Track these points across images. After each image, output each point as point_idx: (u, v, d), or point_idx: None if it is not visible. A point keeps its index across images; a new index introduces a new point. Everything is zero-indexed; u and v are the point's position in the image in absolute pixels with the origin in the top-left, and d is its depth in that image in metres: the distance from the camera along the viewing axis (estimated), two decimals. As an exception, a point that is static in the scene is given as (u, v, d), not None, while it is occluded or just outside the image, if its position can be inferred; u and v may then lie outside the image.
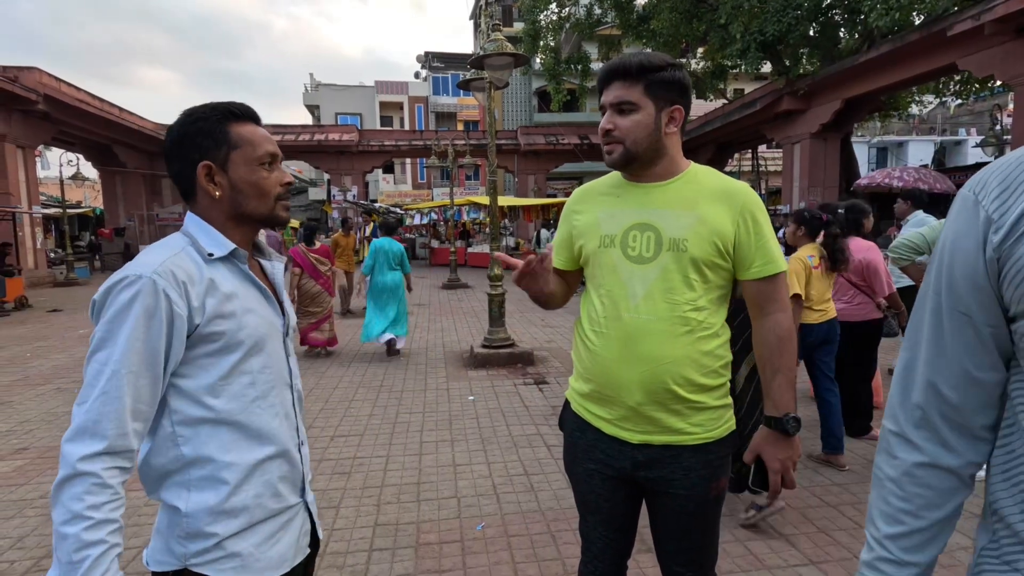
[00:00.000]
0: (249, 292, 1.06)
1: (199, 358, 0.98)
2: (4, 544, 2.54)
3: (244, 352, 1.01)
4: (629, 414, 1.30)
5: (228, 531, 0.98)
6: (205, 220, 1.05)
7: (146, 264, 0.93)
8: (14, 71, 13.47)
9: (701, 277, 1.25)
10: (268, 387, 1.06)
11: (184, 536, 0.96)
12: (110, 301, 0.91)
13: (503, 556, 2.39)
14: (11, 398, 4.85)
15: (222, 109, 1.05)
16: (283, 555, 1.06)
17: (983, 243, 0.57)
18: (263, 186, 1.06)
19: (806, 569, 2.26)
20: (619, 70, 1.26)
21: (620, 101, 1.25)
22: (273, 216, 1.10)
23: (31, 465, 3.42)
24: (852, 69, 11.36)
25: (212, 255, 1.01)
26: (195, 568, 0.96)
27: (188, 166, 1.03)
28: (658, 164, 1.29)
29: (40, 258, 15.02)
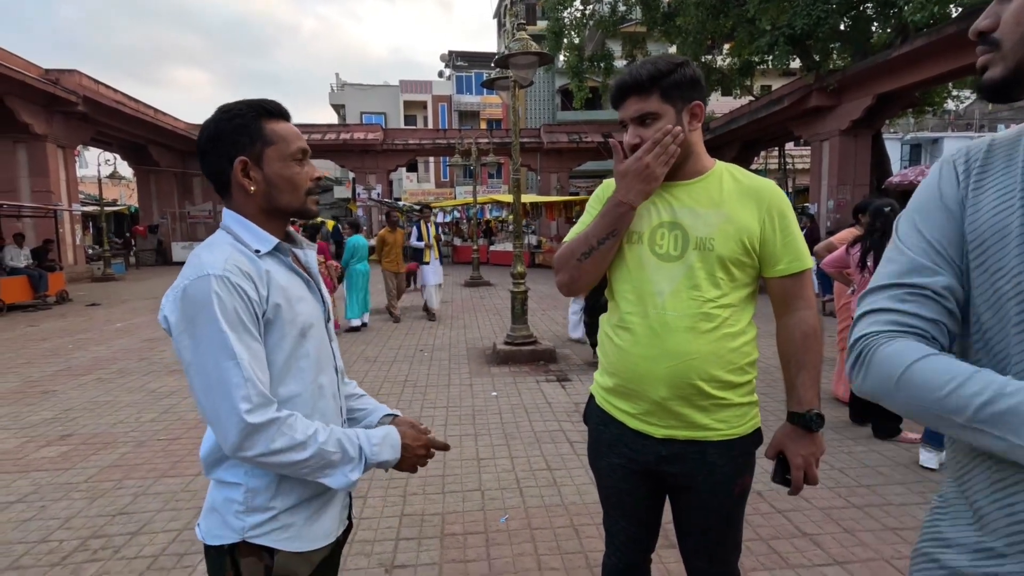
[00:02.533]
0: (295, 281, 1.11)
1: (266, 347, 1.04)
2: (53, 524, 2.68)
3: (298, 338, 1.07)
4: (654, 409, 1.32)
5: (284, 505, 1.05)
6: (241, 215, 1.09)
7: (212, 263, 0.98)
8: (56, 74, 14.01)
9: (727, 275, 1.27)
10: (318, 370, 1.12)
11: (243, 511, 1.03)
12: (186, 305, 0.97)
13: (526, 548, 2.43)
14: (55, 387, 5.07)
15: (256, 106, 1.08)
16: (327, 528, 1.13)
17: (957, 184, 0.72)
18: (296, 180, 1.11)
19: (831, 569, 2.25)
20: (631, 85, 1.26)
21: (641, 114, 1.26)
22: (304, 209, 1.14)
23: (75, 451, 3.58)
24: (884, 64, 11.07)
25: (259, 251, 1.06)
26: (253, 540, 1.03)
27: (224, 162, 1.07)
28: (685, 164, 1.31)
29: (79, 254, 15.60)
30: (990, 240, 0.66)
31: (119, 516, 2.75)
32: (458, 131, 22.71)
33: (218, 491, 1.07)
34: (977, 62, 0.69)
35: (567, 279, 1.41)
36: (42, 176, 14.01)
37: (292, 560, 1.06)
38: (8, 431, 3.96)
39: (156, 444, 3.68)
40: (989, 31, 0.66)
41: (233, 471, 1.05)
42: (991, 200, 0.67)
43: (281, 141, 1.08)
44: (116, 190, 31.08)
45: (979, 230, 0.67)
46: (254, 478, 1.04)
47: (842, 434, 3.73)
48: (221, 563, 1.05)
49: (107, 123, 15.96)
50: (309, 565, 1.10)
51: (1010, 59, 0.64)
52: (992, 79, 0.66)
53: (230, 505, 1.04)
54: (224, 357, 0.95)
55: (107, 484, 3.10)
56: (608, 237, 1.31)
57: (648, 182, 1.26)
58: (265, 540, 1.04)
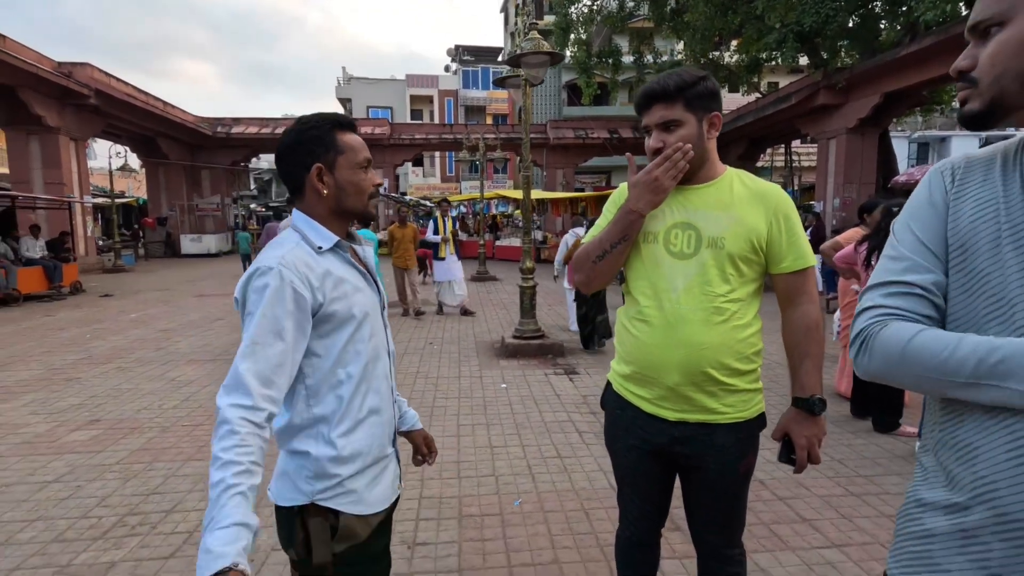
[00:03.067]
0: (353, 275, 1.24)
1: (326, 335, 1.17)
2: (91, 502, 2.84)
3: (357, 325, 1.20)
4: (667, 394, 1.44)
5: (347, 472, 1.19)
6: (310, 216, 1.23)
7: (272, 258, 1.13)
8: (68, 67, 14.15)
9: (736, 271, 1.39)
10: (375, 353, 1.26)
11: (312, 477, 1.17)
12: (248, 291, 1.12)
13: (540, 529, 2.57)
14: (78, 375, 5.23)
15: (331, 120, 1.23)
16: (383, 494, 1.27)
17: (944, 190, 0.84)
18: (362, 186, 1.25)
19: (829, 551, 2.37)
20: (658, 93, 1.36)
21: (665, 120, 1.37)
22: (366, 211, 1.28)
23: (105, 435, 3.74)
24: (893, 62, 11.08)
25: (320, 248, 1.19)
26: (321, 503, 1.17)
27: (301, 168, 1.21)
28: (700, 170, 1.43)
29: (90, 245, 15.79)
30: (967, 244, 0.78)
31: (152, 495, 2.90)
32: (465, 126, 22.78)
33: (290, 459, 1.20)
34: (958, 96, 0.81)
35: (584, 279, 1.56)
36: (55, 168, 14.19)
37: (354, 522, 1.20)
38: (38, 415, 4.12)
39: (180, 430, 3.84)
40: (968, 70, 0.78)
41: (305, 442, 1.18)
42: (969, 209, 0.79)
43: (350, 151, 1.23)
44: (124, 182, 31.27)
45: (959, 234, 0.79)
46: (323, 447, 1.17)
47: (842, 427, 3.84)
48: (292, 522, 1.19)
49: (118, 116, 16.11)
50: (368, 527, 1.23)
51: (986, 96, 0.76)
52: (971, 112, 0.78)
53: (301, 471, 1.18)
54: (263, 336, 1.07)
55: (138, 466, 3.25)
56: (620, 242, 1.44)
57: (657, 193, 1.37)
58: (331, 503, 1.18)
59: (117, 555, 2.38)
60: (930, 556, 0.78)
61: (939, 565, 0.76)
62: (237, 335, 7.00)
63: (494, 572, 2.25)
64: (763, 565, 2.27)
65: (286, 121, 22.73)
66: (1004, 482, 0.70)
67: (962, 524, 0.74)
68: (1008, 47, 0.73)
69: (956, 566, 0.74)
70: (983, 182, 0.80)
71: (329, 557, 1.18)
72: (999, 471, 0.71)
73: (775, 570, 2.25)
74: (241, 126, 21.51)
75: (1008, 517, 0.69)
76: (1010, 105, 0.74)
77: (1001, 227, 0.75)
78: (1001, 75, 0.74)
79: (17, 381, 5.03)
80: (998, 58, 0.74)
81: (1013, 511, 0.69)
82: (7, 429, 3.86)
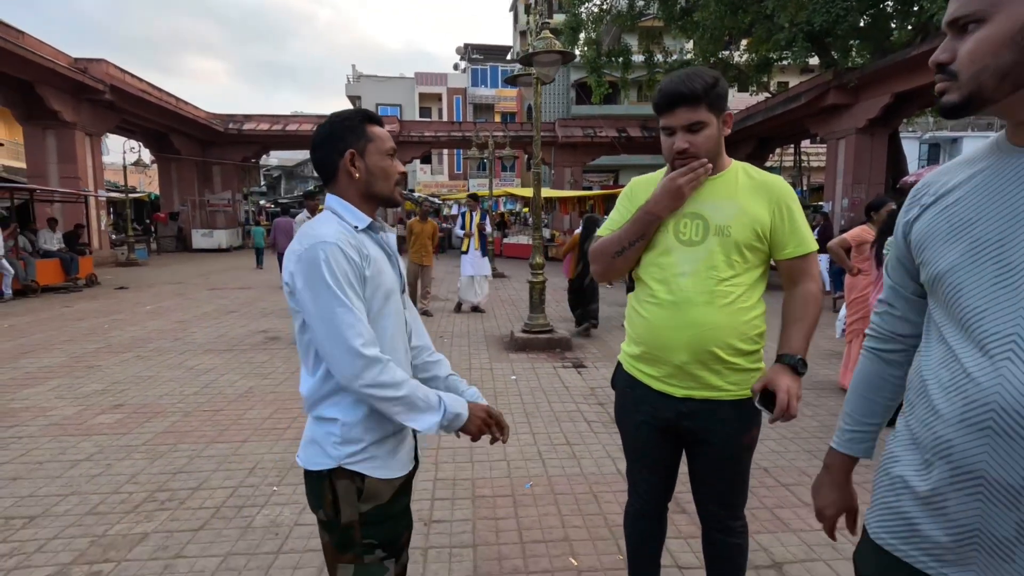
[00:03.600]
0: (381, 255, 1.36)
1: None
2: (121, 479, 2.97)
3: (384, 301, 1.32)
4: (675, 372, 1.54)
5: (371, 439, 1.30)
6: (343, 198, 1.35)
7: (325, 234, 1.24)
8: (84, 63, 14.36)
9: (741, 258, 1.49)
10: (397, 329, 1.37)
11: (340, 442, 1.27)
12: (304, 267, 1.22)
13: (551, 510, 2.67)
14: (99, 362, 5.39)
15: (361, 113, 1.38)
16: (404, 461, 1.38)
17: (903, 223, 0.98)
18: (389, 171, 1.38)
19: (829, 534, 2.46)
20: (686, 96, 1.42)
21: (691, 122, 1.44)
22: (392, 196, 1.41)
23: (130, 418, 3.88)
24: (904, 62, 11.06)
25: (357, 227, 1.32)
26: (347, 466, 1.28)
27: (335, 154, 1.34)
28: (713, 163, 1.53)
29: (104, 239, 16.03)
30: (972, 220, 0.85)
31: (179, 474, 3.03)
32: (473, 124, 22.88)
33: (318, 426, 1.31)
34: (936, 87, 0.87)
35: (600, 270, 1.68)
36: (70, 162, 14.40)
37: (378, 484, 1.31)
38: (65, 399, 4.27)
39: (202, 414, 3.97)
40: (947, 63, 0.84)
41: (332, 408, 1.29)
42: (927, 217, 0.91)
43: (379, 139, 1.37)
44: (136, 178, 31.62)
45: (917, 238, 0.92)
46: (350, 414, 1.28)
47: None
48: (320, 485, 1.30)
49: (132, 111, 16.32)
50: (391, 489, 1.34)
51: (964, 89, 0.82)
52: (949, 103, 0.85)
53: (329, 437, 1.28)
54: (337, 305, 1.20)
55: (163, 447, 3.38)
56: (638, 240, 1.56)
57: (676, 200, 1.49)
58: (357, 467, 1.28)
59: (149, 527, 2.51)
60: (900, 506, 0.88)
61: (907, 515, 0.87)
62: (252, 327, 7.17)
63: (507, 548, 2.36)
64: (765, 544, 2.37)
65: (296, 118, 22.92)
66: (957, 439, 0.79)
67: (926, 478, 0.84)
68: (987, 44, 0.78)
69: (922, 516, 0.84)
70: (976, 171, 0.87)
71: (356, 516, 1.29)
72: (951, 428, 0.80)
73: (776, 549, 2.34)
74: (252, 123, 21.72)
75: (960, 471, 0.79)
76: (987, 98, 0.81)
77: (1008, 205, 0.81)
78: (980, 71, 0.79)
79: (41, 367, 5.19)
80: (976, 55, 0.80)
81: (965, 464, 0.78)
82: (36, 412, 4.01)
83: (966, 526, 0.79)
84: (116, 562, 2.25)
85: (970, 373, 0.78)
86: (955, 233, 0.85)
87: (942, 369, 0.83)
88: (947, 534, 0.81)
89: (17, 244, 10.14)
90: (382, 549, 1.32)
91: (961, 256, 0.83)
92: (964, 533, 0.79)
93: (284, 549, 2.34)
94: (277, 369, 5.17)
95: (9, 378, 4.84)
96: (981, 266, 0.81)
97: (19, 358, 5.52)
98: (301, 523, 2.54)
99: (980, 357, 0.77)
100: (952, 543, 0.81)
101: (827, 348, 6.11)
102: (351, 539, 1.30)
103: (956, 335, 0.83)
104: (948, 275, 0.85)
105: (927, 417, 0.84)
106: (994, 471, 0.75)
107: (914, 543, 0.86)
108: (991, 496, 0.76)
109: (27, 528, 2.50)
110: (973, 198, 0.85)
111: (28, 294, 9.86)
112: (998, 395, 0.74)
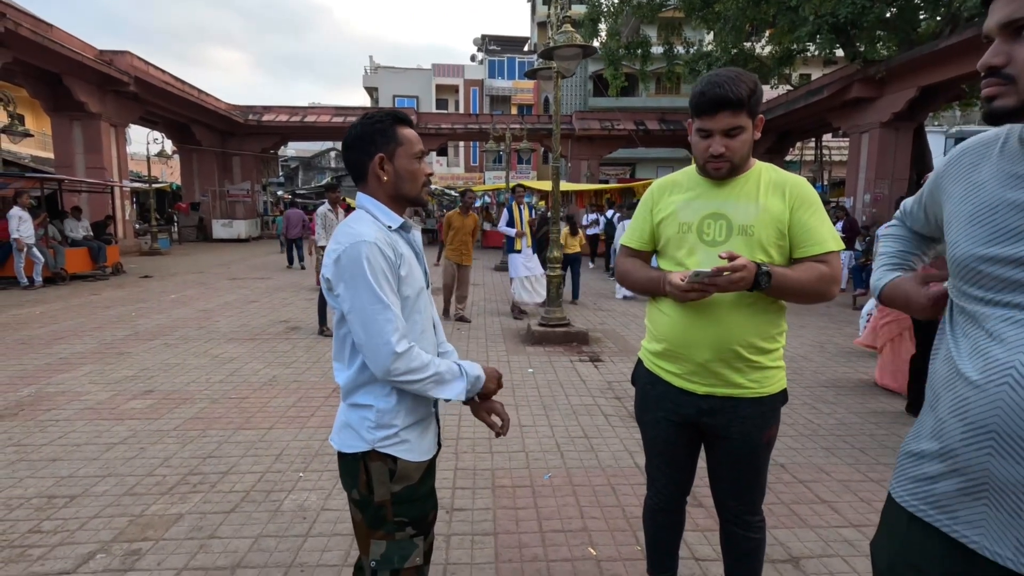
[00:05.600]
0: (410, 253, 1.42)
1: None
2: (154, 462, 3.09)
3: (415, 297, 1.38)
4: (697, 369, 1.58)
5: (403, 424, 1.37)
6: (375, 199, 1.40)
7: (364, 232, 1.30)
8: (109, 55, 14.63)
9: (766, 256, 1.51)
10: (425, 324, 1.44)
11: (374, 427, 1.34)
12: (344, 264, 1.28)
13: (569, 500, 2.73)
14: (128, 349, 5.55)
15: (392, 115, 1.42)
16: (429, 446, 1.46)
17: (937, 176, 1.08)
18: (417, 174, 1.42)
19: (847, 530, 2.49)
20: (731, 101, 1.42)
21: (731, 127, 1.45)
22: (419, 197, 1.45)
23: (160, 404, 4.01)
24: (931, 55, 10.83)
25: (390, 227, 1.38)
26: (381, 449, 1.35)
27: (366, 156, 1.38)
28: (742, 167, 1.55)
29: (128, 229, 16.37)
30: (952, 220, 0.97)
31: (209, 458, 3.14)
32: (490, 116, 22.85)
33: (353, 412, 1.38)
34: (985, 91, 0.85)
35: (620, 282, 1.79)
36: (96, 153, 14.71)
37: (408, 466, 1.38)
38: (98, 385, 4.42)
39: (228, 402, 4.09)
40: (1001, 67, 0.82)
41: (367, 396, 1.36)
42: (958, 190, 0.98)
43: (408, 142, 1.41)
44: (157, 168, 32.12)
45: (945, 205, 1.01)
46: (383, 401, 1.35)
47: (864, 419, 3.91)
48: (355, 466, 1.37)
49: (155, 103, 16.60)
50: (420, 470, 1.41)
51: (1023, 94, 0.80)
52: (1004, 107, 0.82)
53: (363, 422, 1.35)
54: (374, 302, 1.26)
55: (193, 432, 3.50)
56: (647, 293, 1.68)
57: (686, 299, 1.48)
58: (390, 450, 1.35)
59: (183, 508, 2.61)
60: (920, 469, 0.96)
61: (925, 474, 0.94)
62: (272, 316, 7.31)
63: (527, 537, 2.42)
64: (782, 540, 2.40)
65: (314, 110, 23.10)
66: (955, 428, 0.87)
67: (940, 445, 0.91)
68: None
69: (942, 487, 0.91)
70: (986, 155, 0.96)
71: (388, 496, 1.36)
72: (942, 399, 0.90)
73: (793, 544, 2.37)
74: (271, 114, 21.96)
75: (960, 459, 0.86)
76: None
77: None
78: None
79: (73, 353, 5.36)
80: None
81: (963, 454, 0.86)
82: (71, 396, 4.16)
83: (975, 478, 0.85)
84: (154, 540, 2.35)
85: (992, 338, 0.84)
86: (976, 217, 0.91)
87: (965, 342, 0.90)
88: (958, 486, 0.87)
89: (47, 233, 10.41)
90: (412, 527, 1.39)
91: (982, 241, 0.89)
92: (974, 484, 0.85)
93: (312, 532, 2.43)
94: (299, 359, 5.28)
95: (45, 363, 5.02)
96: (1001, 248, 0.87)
97: (52, 344, 5.71)
98: (328, 508, 2.63)
99: (1006, 326, 0.83)
100: (961, 495, 0.87)
101: (844, 346, 6.07)
102: (383, 517, 1.37)
103: (978, 311, 0.88)
104: (969, 259, 0.90)
105: (960, 410, 0.88)
106: (1005, 425, 0.80)
107: (931, 501, 0.92)
108: (1000, 449, 0.81)
109: (68, 507, 2.62)
110: (994, 184, 0.90)
111: (57, 282, 10.14)
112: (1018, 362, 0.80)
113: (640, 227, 1.71)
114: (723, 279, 1.39)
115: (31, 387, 4.36)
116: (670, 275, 1.52)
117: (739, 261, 1.39)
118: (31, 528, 2.44)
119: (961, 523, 0.86)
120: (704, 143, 1.50)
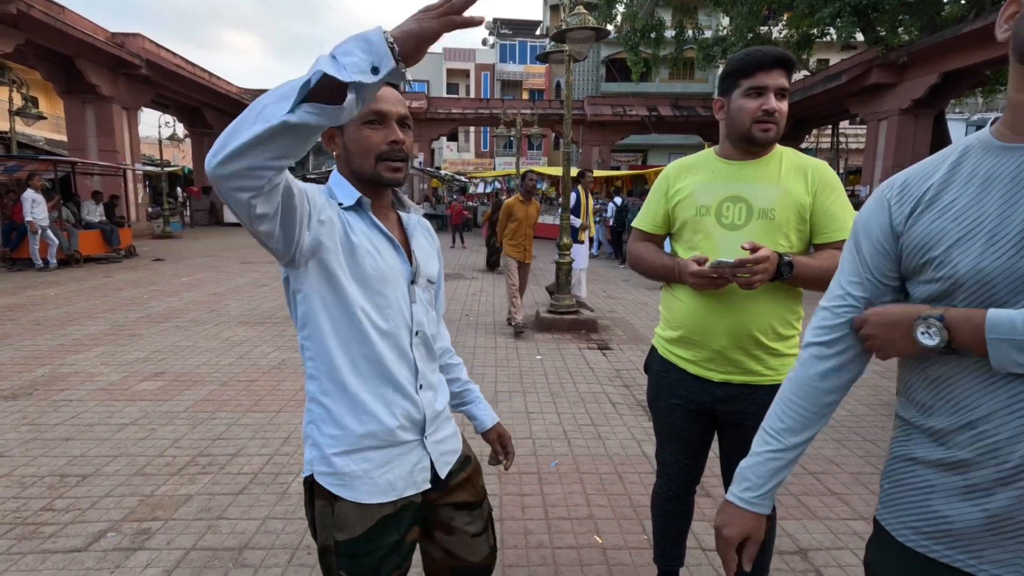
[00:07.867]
0: (375, 237, 1.12)
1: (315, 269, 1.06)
2: (165, 443, 3.12)
3: (360, 287, 1.08)
4: (714, 356, 1.55)
5: (339, 445, 1.11)
6: (341, 175, 1.15)
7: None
8: (121, 37, 14.61)
9: (787, 241, 1.47)
10: (389, 326, 1.11)
11: (312, 443, 1.13)
12: None
13: (576, 488, 2.72)
14: (140, 331, 5.61)
15: None
16: (388, 485, 1.10)
17: (889, 221, 0.90)
18: (363, 144, 1.08)
19: (856, 523, 2.46)
20: (785, 60, 1.43)
21: (783, 88, 1.44)
22: (376, 175, 1.10)
23: (171, 386, 4.05)
24: (954, 39, 10.53)
25: (341, 204, 1.10)
26: (317, 478, 1.12)
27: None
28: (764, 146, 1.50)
29: (140, 212, 16.50)
30: (932, 243, 0.85)
31: (218, 440, 3.17)
32: (501, 101, 22.65)
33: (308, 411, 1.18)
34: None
35: (636, 270, 1.75)
36: (108, 136, 14.78)
37: (349, 509, 1.11)
38: (110, 366, 4.47)
39: (238, 384, 4.12)
40: None
41: (312, 398, 1.14)
42: (929, 216, 0.86)
43: None
44: (169, 152, 32.26)
45: (920, 236, 0.87)
46: (316, 411, 1.13)
47: (876, 411, 3.86)
48: (307, 494, 1.16)
49: (166, 86, 16.61)
50: (367, 520, 1.12)
51: None
52: None
53: (309, 428, 1.15)
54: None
55: (203, 414, 3.53)
56: (660, 280, 1.66)
57: (699, 286, 1.47)
58: (322, 480, 1.11)
59: (193, 489, 2.64)
60: (929, 504, 0.85)
61: (938, 512, 0.84)
62: (281, 300, 7.26)
63: (533, 523, 2.42)
64: (791, 531, 2.38)
65: (325, 93, 22.94)
66: (1006, 439, 0.77)
67: (966, 479, 0.81)
68: None
69: (957, 512, 0.82)
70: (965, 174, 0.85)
71: (331, 542, 1.07)
72: (1002, 428, 0.77)
73: (802, 536, 2.35)
74: (282, 98, 21.87)
75: (1012, 469, 0.76)
76: None
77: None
78: None
79: (86, 335, 5.43)
80: None
81: (1016, 462, 0.76)
82: (84, 376, 4.21)
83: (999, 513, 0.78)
84: (164, 520, 2.38)
85: None
86: (969, 232, 0.81)
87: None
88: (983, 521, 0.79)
89: (61, 215, 10.51)
90: None
91: (981, 253, 0.80)
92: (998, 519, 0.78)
93: (319, 515, 2.44)
94: (308, 342, 5.30)
95: (59, 344, 5.08)
96: (1011, 258, 0.79)
97: (66, 325, 5.78)
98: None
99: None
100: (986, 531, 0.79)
101: (859, 337, 5.98)
102: (328, 566, 1.10)
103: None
104: (972, 275, 0.81)
105: (960, 411, 0.82)
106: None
107: (946, 542, 0.84)
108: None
109: (80, 486, 2.65)
110: (974, 196, 0.82)
111: (71, 264, 10.25)
112: None
113: (654, 210, 1.67)
114: (744, 272, 1.37)
115: (45, 367, 4.42)
116: (687, 262, 1.48)
117: (762, 252, 1.35)
118: (44, 506, 2.48)
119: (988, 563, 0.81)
120: (755, 102, 1.43)
